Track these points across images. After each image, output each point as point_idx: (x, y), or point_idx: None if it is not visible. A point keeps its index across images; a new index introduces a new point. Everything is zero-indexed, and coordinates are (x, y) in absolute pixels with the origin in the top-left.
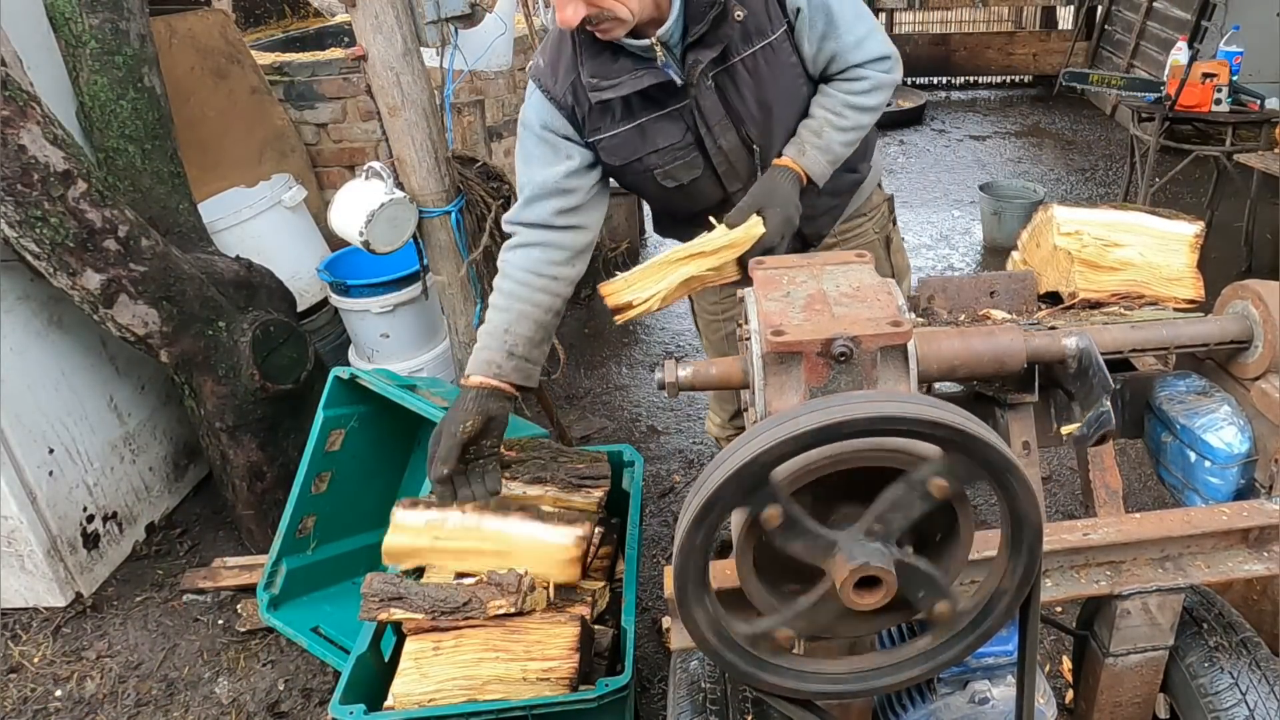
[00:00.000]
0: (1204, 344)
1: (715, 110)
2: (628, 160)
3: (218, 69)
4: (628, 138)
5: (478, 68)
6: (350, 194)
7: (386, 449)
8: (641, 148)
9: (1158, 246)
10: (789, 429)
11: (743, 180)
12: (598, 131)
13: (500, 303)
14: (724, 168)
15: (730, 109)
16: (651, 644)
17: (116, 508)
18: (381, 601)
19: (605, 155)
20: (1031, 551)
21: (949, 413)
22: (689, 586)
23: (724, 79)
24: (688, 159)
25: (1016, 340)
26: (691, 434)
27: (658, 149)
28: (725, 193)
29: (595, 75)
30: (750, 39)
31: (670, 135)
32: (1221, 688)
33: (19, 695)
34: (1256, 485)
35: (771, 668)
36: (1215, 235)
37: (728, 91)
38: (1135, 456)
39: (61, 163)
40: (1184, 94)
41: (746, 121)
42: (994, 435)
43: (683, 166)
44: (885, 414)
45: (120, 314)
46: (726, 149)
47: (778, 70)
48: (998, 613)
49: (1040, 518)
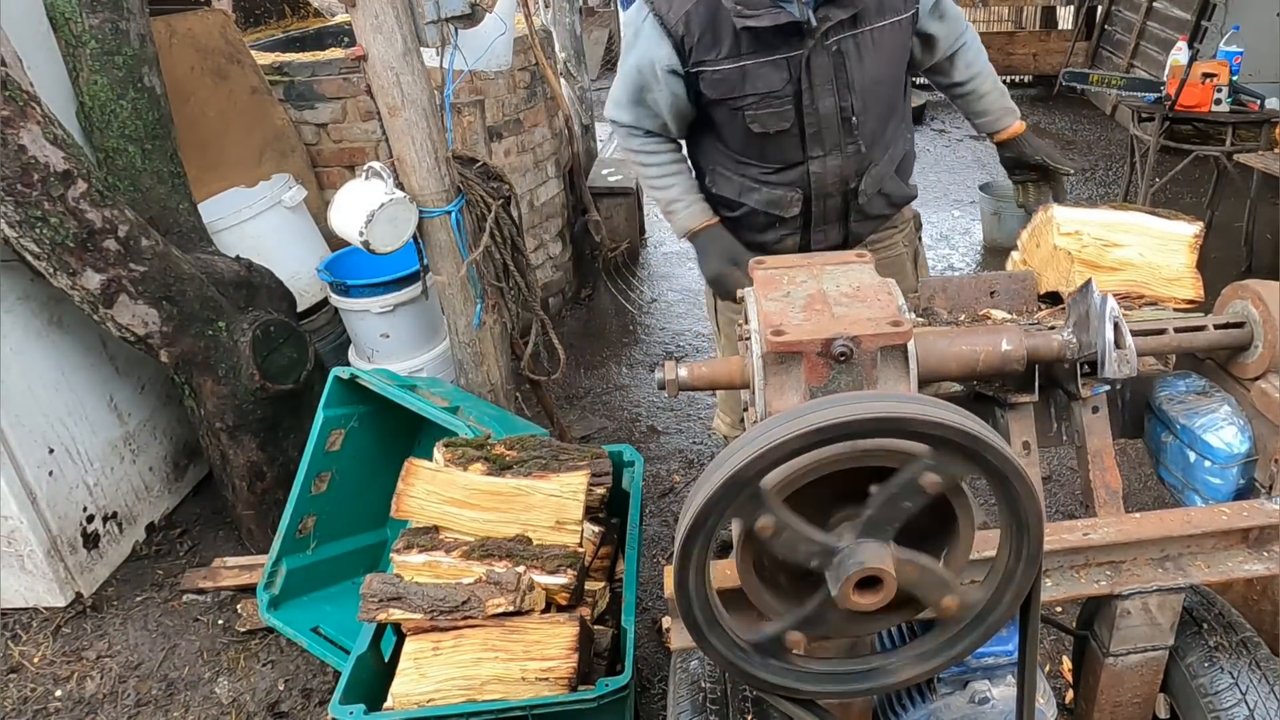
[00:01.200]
0: (1204, 344)
1: (824, 71)
2: (724, 96)
3: (218, 69)
4: (728, 75)
5: (478, 68)
6: (350, 194)
7: (386, 449)
8: (740, 87)
9: (1157, 247)
10: (771, 437)
11: (825, 148)
12: (702, 64)
13: (669, 169)
14: (812, 129)
15: (840, 75)
16: (651, 644)
17: (116, 508)
18: (380, 602)
19: (704, 86)
20: (1032, 554)
21: (931, 408)
22: (695, 613)
23: (848, 44)
24: (780, 110)
25: (1016, 340)
26: (691, 434)
27: (756, 93)
28: (804, 156)
29: (740, 3)
30: (883, 12)
31: (770, 83)
32: (1221, 687)
33: (19, 695)
34: (1256, 485)
35: (794, 674)
36: (1215, 235)
37: (847, 57)
38: (1135, 456)
39: (61, 163)
40: (1184, 94)
41: (854, 91)
42: (990, 432)
43: (773, 116)
44: (872, 415)
45: (120, 314)
46: (822, 112)
47: (896, 51)
48: (998, 613)
49: (1040, 516)
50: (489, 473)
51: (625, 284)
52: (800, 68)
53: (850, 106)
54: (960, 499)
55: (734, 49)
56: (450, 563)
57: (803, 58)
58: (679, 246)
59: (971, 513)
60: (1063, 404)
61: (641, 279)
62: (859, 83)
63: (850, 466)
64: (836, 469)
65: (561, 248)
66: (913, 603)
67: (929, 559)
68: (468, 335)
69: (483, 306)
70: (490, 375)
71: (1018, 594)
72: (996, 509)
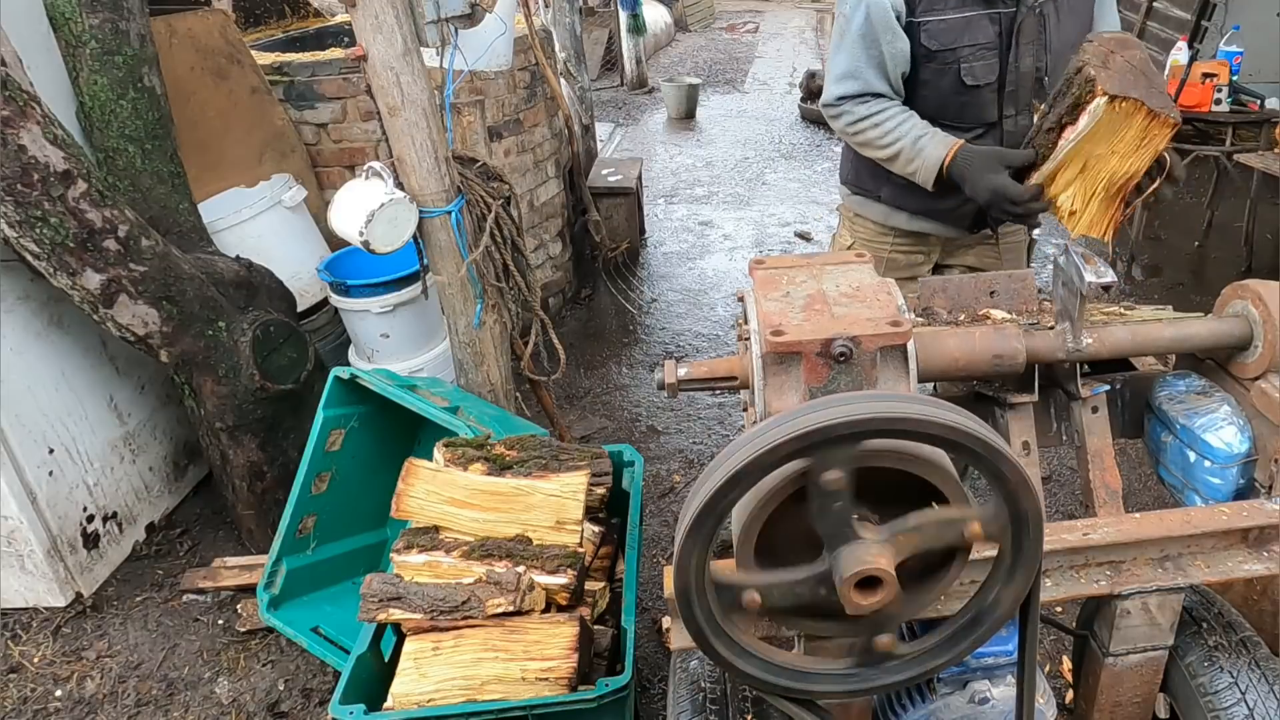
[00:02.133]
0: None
1: (1031, 32)
2: (945, 46)
3: (218, 69)
4: (954, 24)
5: (478, 68)
6: (350, 194)
7: (386, 449)
8: (961, 37)
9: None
10: (914, 410)
11: (1018, 107)
12: (929, 12)
13: (903, 116)
14: (1011, 87)
15: (1042, 36)
16: (651, 644)
17: (116, 508)
18: (380, 602)
19: (926, 38)
20: (1031, 554)
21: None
22: (695, 613)
23: (1049, 7)
24: (989, 62)
25: (1016, 340)
26: (691, 434)
27: (975, 43)
28: (999, 115)
29: None
30: None
31: (986, 34)
32: (1221, 687)
33: (19, 695)
34: (1256, 485)
35: (774, 668)
36: (1215, 235)
37: (1049, 20)
38: (1135, 456)
39: (61, 163)
40: (1184, 94)
41: (1049, 52)
42: (979, 424)
43: (985, 67)
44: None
45: (120, 314)
46: (1022, 70)
47: (1084, 18)
48: (998, 613)
49: (1040, 518)
50: (489, 473)
51: (625, 284)
52: (1011, 24)
53: (1045, 67)
54: (965, 555)
55: (959, 1)
56: (450, 563)
57: (1015, 16)
58: (679, 246)
59: (926, 462)
60: (1062, 404)
61: (641, 279)
62: (1055, 45)
63: (913, 471)
64: (909, 469)
65: (561, 248)
66: (950, 554)
67: (924, 511)
68: (468, 335)
69: (483, 306)
70: (490, 375)
71: (1017, 594)
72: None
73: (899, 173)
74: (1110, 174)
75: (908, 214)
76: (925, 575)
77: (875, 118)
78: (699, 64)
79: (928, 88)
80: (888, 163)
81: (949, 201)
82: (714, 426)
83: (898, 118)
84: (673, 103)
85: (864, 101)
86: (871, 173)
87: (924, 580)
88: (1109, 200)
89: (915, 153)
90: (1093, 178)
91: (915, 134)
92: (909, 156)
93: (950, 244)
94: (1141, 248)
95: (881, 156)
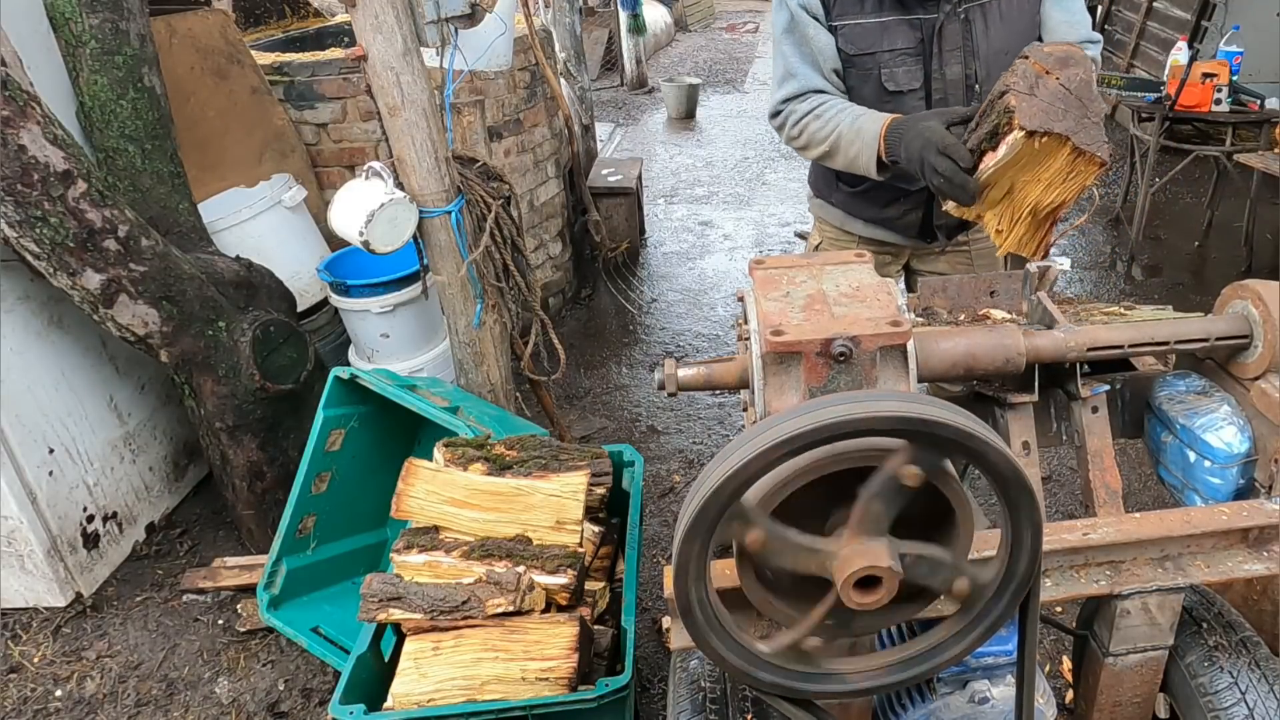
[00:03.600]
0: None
1: (954, 39)
2: (862, 51)
3: (218, 69)
4: (870, 29)
5: (478, 68)
6: (350, 194)
7: (386, 449)
8: (879, 43)
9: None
10: (741, 456)
11: None
12: (844, 16)
13: (842, 104)
14: (938, 95)
15: (968, 43)
16: (651, 644)
17: (116, 508)
18: (380, 602)
19: (843, 42)
20: (1031, 554)
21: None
22: (695, 614)
23: (975, 13)
24: (911, 68)
25: (1016, 340)
26: (691, 434)
27: (893, 49)
28: None
29: None
30: None
31: (906, 39)
32: (1221, 687)
33: (19, 695)
34: (1256, 485)
35: (793, 674)
36: (1215, 235)
37: (974, 26)
38: (1135, 456)
39: (61, 163)
40: (1184, 94)
41: (979, 60)
42: (959, 416)
43: (906, 73)
44: (826, 422)
45: (120, 314)
46: (949, 78)
47: (1023, 23)
48: (997, 613)
49: (1039, 516)
50: (489, 473)
51: (625, 284)
52: (931, 31)
53: (974, 74)
54: (950, 487)
55: (877, 5)
56: (450, 563)
57: (935, 23)
58: (679, 246)
59: (966, 501)
60: (1062, 404)
61: (641, 279)
62: (984, 52)
63: (816, 476)
64: (807, 480)
65: (561, 248)
66: (926, 593)
67: (931, 546)
68: (468, 335)
69: (483, 306)
70: (490, 375)
71: (1017, 594)
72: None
73: (845, 166)
74: (1036, 200)
75: (862, 221)
76: (944, 513)
77: (816, 110)
78: (699, 64)
79: (854, 94)
80: (832, 156)
81: (893, 209)
82: (714, 426)
83: (837, 105)
84: (673, 103)
85: (804, 99)
86: (825, 178)
87: (948, 518)
88: (1037, 223)
89: (855, 133)
90: (1019, 201)
91: (854, 114)
92: (850, 139)
93: (918, 249)
94: (1141, 248)
95: (826, 149)
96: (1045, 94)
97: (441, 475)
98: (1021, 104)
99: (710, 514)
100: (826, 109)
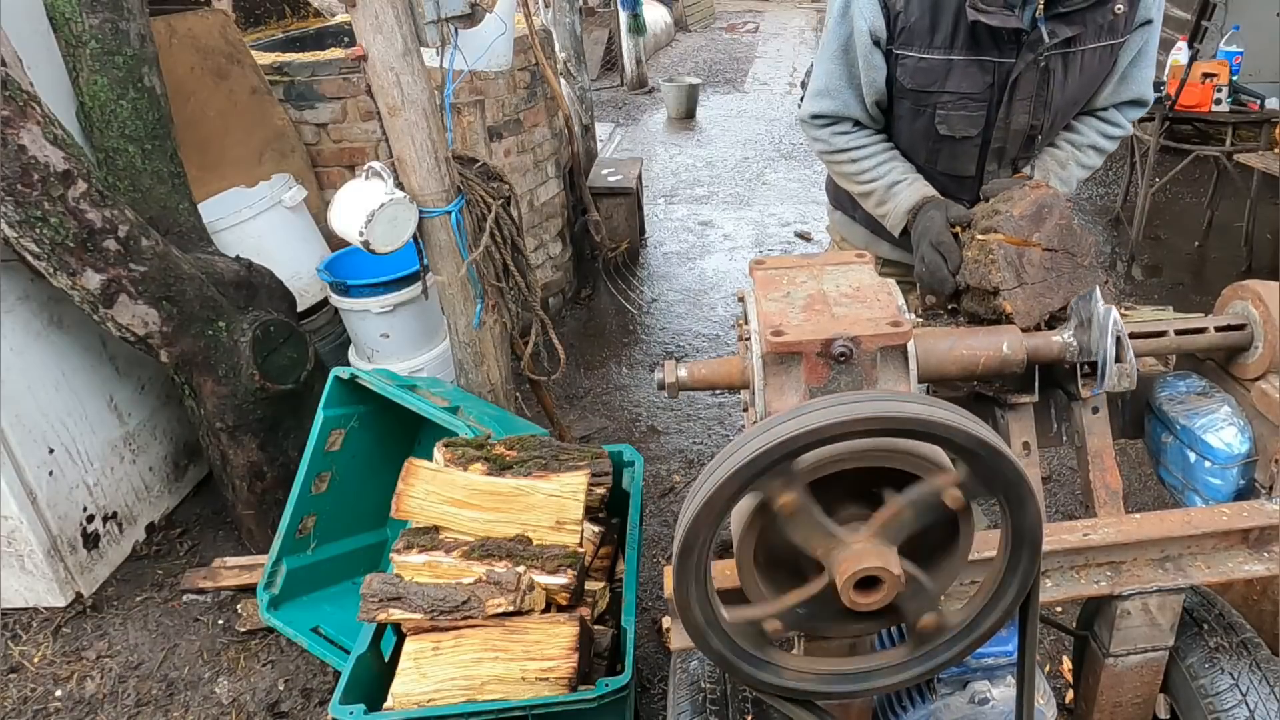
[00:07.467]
0: (1204, 345)
1: (1028, 87)
2: (921, 88)
3: (218, 69)
4: (934, 67)
5: (478, 68)
6: (350, 194)
7: (386, 449)
8: (940, 83)
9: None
10: (822, 418)
11: (1000, 164)
12: (908, 46)
13: (884, 154)
14: (998, 144)
15: (1042, 94)
16: (651, 644)
17: (116, 508)
18: (380, 602)
19: (902, 73)
20: (1031, 556)
21: (975, 424)
22: (695, 614)
23: (1057, 62)
24: (973, 115)
25: (1016, 341)
26: (691, 434)
27: (956, 92)
28: (979, 170)
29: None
30: (1102, 34)
31: (973, 83)
32: (1222, 688)
33: (19, 695)
34: (1256, 485)
35: (769, 667)
36: (1215, 235)
37: (1053, 75)
38: (1135, 456)
39: (61, 163)
40: (1184, 94)
41: (1049, 111)
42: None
43: (965, 120)
44: (926, 418)
45: (120, 314)
46: (1012, 128)
47: (1098, 73)
48: (997, 614)
49: (1040, 521)
50: (489, 473)
51: (625, 284)
52: (1005, 77)
53: (1040, 125)
54: (968, 523)
55: (947, 41)
56: (450, 563)
57: (1011, 69)
58: (679, 246)
59: (970, 540)
60: (1063, 404)
61: (641, 279)
62: (1056, 103)
63: (872, 466)
64: (865, 465)
65: (561, 248)
66: (893, 614)
67: (925, 575)
68: (468, 335)
69: (483, 306)
70: (490, 375)
71: (1017, 595)
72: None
73: (869, 211)
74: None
75: (889, 244)
76: (945, 544)
77: (854, 153)
78: (699, 64)
79: (901, 123)
80: (859, 198)
81: None
82: (714, 426)
83: (877, 157)
84: (673, 103)
85: (842, 131)
86: (848, 192)
87: (946, 549)
88: None
89: (888, 195)
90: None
91: (892, 179)
92: (880, 199)
93: None
94: (1141, 248)
95: (853, 190)
96: (1032, 274)
97: (441, 475)
98: (1016, 304)
99: (769, 459)
100: (865, 156)
